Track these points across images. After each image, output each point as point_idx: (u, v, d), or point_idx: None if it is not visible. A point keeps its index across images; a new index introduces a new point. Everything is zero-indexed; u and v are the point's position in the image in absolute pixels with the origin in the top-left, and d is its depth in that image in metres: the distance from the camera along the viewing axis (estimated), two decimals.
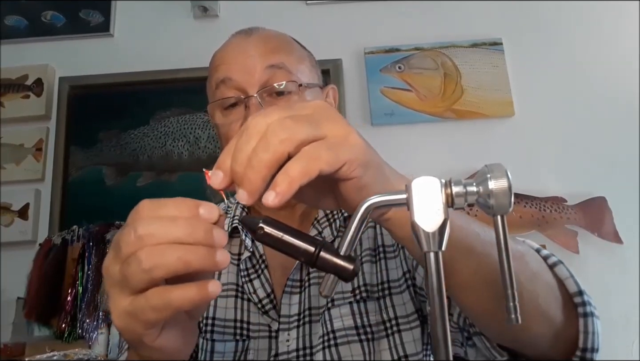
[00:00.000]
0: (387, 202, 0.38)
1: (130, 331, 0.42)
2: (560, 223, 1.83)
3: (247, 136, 0.40)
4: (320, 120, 0.41)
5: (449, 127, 1.98)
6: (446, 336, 0.35)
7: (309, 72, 0.80)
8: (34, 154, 2.01)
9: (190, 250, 0.39)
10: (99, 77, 2.08)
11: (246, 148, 0.39)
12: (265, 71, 0.73)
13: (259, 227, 0.38)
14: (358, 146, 0.42)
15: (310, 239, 0.39)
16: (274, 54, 0.75)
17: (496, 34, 2.06)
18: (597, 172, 1.89)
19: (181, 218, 0.40)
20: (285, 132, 0.39)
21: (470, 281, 0.50)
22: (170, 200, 0.42)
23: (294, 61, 0.77)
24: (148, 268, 0.39)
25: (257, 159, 0.38)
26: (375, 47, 2.06)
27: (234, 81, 0.74)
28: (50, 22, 2.18)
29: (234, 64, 0.75)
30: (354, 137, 0.42)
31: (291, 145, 0.39)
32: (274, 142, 0.39)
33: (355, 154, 0.41)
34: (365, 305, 0.72)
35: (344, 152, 0.41)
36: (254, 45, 0.76)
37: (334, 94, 0.85)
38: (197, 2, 2.09)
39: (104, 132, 2.04)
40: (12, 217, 1.93)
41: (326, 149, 0.40)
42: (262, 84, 0.73)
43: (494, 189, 0.36)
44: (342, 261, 0.38)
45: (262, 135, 0.39)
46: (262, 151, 0.39)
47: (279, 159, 0.39)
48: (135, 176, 1.99)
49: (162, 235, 0.39)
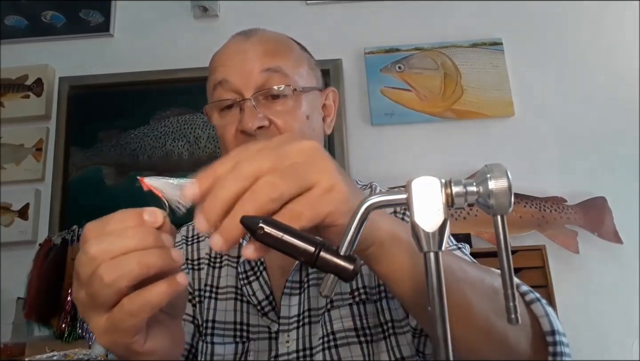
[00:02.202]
0: (387, 202, 0.38)
1: (117, 345, 0.43)
2: (560, 223, 1.83)
3: (234, 176, 0.41)
4: (308, 170, 0.42)
5: (449, 127, 1.98)
6: (446, 336, 0.35)
7: (307, 75, 0.79)
8: (34, 154, 2.01)
9: (147, 254, 0.41)
10: (99, 77, 2.08)
11: (230, 188, 0.40)
12: (262, 74, 0.74)
13: (259, 227, 0.38)
14: (342, 196, 0.42)
15: (310, 239, 0.39)
16: (271, 57, 0.75)
17: (496, 34, 2.06)
18: (597, 172, 1.89)
19: (129, 229, 0.42)
20: (277, 192, 0.40)
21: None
22: (113, 215, 0.43)
23: (291, 63, 0.77)
24: (111, 282, 0.40)
25: (243, 210, 0.39)
26: (375, 47, 2.06)
27: (230, 83, 0.74)
28: (50, 22, 2.18)
29: (231, 67, 0.75)
30: (339, 187, 0.42)
31: (278, 204, 0.40)
32: (263, 198, 0.39)
33: (338, 206, 0.42)
34: (365, 307, 0.72)
35: (326, 206, 0.41)
36: (251, 48, 0.76)
37: (334, 96, 0.86)
38: (197, 2, 2.09)
39: (104, 132, 2.04)
40: (12, 217, 1.93)
41: (308, 207, 0.41)
42: (257, 87, 0.74)
43: (494, 189, 0.36)
44: (342, 261, 0.38)
45: (249, 181, 0.40)
46: (249, 203, 0.39)
47: (263, 215, 0.40)
48: (135, 176, 1.99)
49: (115, 248, 0.40)
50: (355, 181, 0.86)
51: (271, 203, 0.40)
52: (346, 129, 1.98)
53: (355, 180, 0.87)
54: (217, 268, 0.81)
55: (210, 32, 2.12)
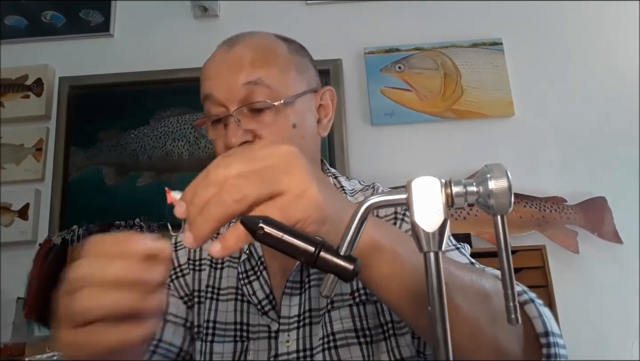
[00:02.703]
0: (387, 202, 0.38)
1: (75, 357, 0.44)
2: (560, 223, 1.83)
3: (205, 183, 0.42)
4: (279, 174, 0.42)
5: (449, 127, 1.98)
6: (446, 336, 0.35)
7: (294, 81, 0.77)
8: (34, 154, 2.01)
9: (124, 296, 0.41)
10: (99, 77, 2.08)
11: (202, 195, 0.42)
12: (243, 88, 0.72)
13: (258, 227, 0.38)
14: (314, 202, 0.42)
15: (310, 239, 0.39)
16: (252, 69, 0.73)
17: (496, 34, 2.06)
18: (597, 172, 1.89)
19: (119, 258, 0.42)
20: (239, 193, 0.41)
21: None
22: (117, 236, 0.44)
23: (275, 73, 0.74)
24: (82, 310, 0.41)
25: (209, 211, 0.41)
26: (375, 47, 2.06)
27: (215, 98, 0.74)
28: (50, 22, 2.18)
29: (215, 80, 0.75)
30: (311, 192, 0.42)
31: (243, 206, 0.41)
32: (227, 200, 0.41)
33: (308, 212, 0.42)
34: (365, 308, 0.72)
35: (296, 212, 0.42)
36: (233, 59, 0.75)
37: (331, 95, 0.83)
38: (197, 2, 2.09)
39: (104, 132, 2.04)
40: (12, 217, 1.93)
41: (277, 212, 0.41)
42: (240, 100, 0.73)
43: (494, 189, 0.36)
44: (342, 261, 0.38)
45: (219, 186, 0.41)
46: (214, 205, 0.41)
47: (230, 216, 0.41)
48: (135, 176, 1.99)
49: (97, 277, 0.41)
50: (357, 181, 0.86)
51: (235, 204, 0.41)
52: (346, 129, 1.98)
53: (358, 180, 0.86)
54: (219, 269, 0.81)
55: (210, 32, 2.11)
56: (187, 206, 0.43)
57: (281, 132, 0.74)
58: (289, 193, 0.42)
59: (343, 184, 0.82)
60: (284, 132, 0.74)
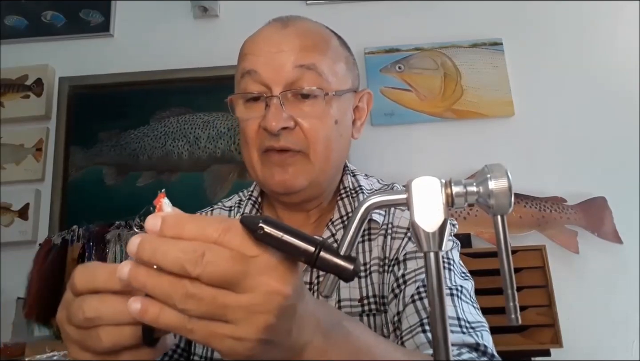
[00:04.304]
0: (387, 202, 0.38)
1: (83, 356, 0.42)
2: (560, 223, 1.83)
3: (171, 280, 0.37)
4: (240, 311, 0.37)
5: (449, 127, 1.98)
6: (446, 336, 0.35)
7: (343, 75, 0.74)
8: (34, 154, 2.01)
9: (117, 332, 0.40)
10: (99, 77, 2.08)
11: (164, 289, 0.37)
12: (294, 70, 0.68)
13: (258, 227, 0.38)
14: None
15: (311, 239, 0.38)
16: (306, 53, 0.69)
17: (496, 34, 2.06)
18: (597, 172, 1.89)
19: (110, 296, 0.40)
20: (196, 311, 0.36)
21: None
22: (100, 268, 0.41)
23: (327, 62, 0.71)
24: (82, 347, 0.41)
25: (165, 313, 0.37)
26: (375, 47, 2.06)
27: (259, 75, 0.69)
28: (50, 22, 2.18)
29: (262, 57, 0.70)
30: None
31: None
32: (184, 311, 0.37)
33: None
34: (374, 320, 0.70)
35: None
36: (286, 39, 0.70)
37: (369, 98, 0.81)
38: (197, 2, 2.09)
39: (104, 132, 2.04)
40: (12, 217, 1.93)
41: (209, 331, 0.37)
42: (288, 83, 0.69)
43: (494, 189, 0.36)
44: (342, 261, 0.38)
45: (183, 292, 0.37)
46: (169, 312, 0.37)
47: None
48: (135, 176, 1.99)
49: (91, 316, 0.39)
50: (376, 180, 0.84)
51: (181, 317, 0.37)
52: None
53: (377, 179, 0.84)
54: None
55: (210, 32, 2.12)
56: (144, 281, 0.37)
57: (323, 126, 0.70)
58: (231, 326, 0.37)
59: (361, 183, 0.80)
60: (326, 127, 0.70)
